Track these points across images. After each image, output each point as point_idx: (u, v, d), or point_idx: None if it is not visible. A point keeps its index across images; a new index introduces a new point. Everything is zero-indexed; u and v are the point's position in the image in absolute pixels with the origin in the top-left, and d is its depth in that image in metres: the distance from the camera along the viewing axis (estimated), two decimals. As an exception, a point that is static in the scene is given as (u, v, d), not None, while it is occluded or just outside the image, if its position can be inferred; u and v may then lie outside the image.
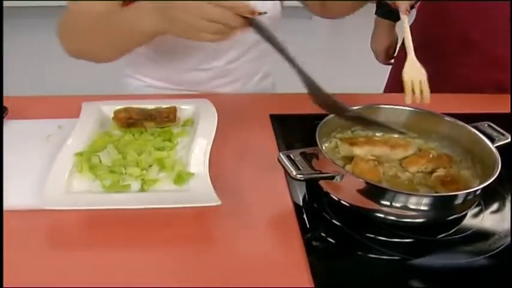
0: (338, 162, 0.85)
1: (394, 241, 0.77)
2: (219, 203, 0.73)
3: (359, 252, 0.74)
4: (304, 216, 0.78)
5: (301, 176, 0.74)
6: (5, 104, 1.00)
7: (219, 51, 1.13)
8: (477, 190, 0.75)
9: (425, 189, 0.81)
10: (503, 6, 1.15)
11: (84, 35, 0.96)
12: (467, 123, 0.90)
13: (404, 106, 0.93)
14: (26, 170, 0.84)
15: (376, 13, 1.49)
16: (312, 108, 0.84)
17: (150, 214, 0.76)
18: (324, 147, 0.88)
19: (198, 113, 0.95)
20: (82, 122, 0.92)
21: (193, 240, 0.74)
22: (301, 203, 0.81)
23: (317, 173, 0.76)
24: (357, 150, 0.87)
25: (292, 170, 0.74)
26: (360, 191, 0.75)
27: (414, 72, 0.90)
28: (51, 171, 0.79)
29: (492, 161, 0.79)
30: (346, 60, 3.27)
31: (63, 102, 1.06)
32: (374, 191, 0.74)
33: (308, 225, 0.77)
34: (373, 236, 0.76)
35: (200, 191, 0.76)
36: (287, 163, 0.75)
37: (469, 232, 0.78)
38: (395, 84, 1.46)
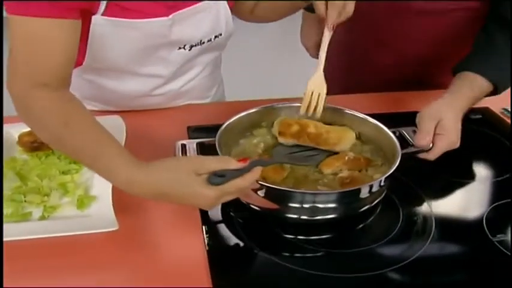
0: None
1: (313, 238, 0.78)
2: (117, 227, 0.71)
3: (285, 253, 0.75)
4: (215, 226, 0.79)
5: None
6: None
7: (175, 76, 1.03)
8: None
9: (325, 190, 0.81)
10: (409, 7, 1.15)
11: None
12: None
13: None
14: None
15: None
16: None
17: (53, 242, 0.73)
18: (240, 142, 0.90)
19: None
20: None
21: (96, 266, 0.72)
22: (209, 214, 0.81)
23: None
24: (281, 140, 0.88)
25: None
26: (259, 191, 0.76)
27: (318, 85, 0.90)
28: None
29: (394, 161, 0.80)
30: (298, 59, 3.23)
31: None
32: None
33: (217, 234, 0.77)
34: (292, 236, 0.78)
35: (101, 215, 0.74)
36: (179, 153, 0.77)
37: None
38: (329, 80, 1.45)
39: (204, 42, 0.98)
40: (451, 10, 1.12)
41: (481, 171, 0.98)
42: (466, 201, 0.90)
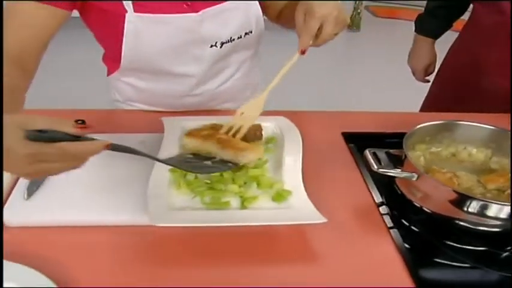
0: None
1: (467, 248, 0.83)
2: (325, 220, 0.76)
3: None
4: (395, 228, 0.84)
5: (383, 170, 0.84)
6: (82, 117, 1.02)
7: (211, 75, 1.09)
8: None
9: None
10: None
11: None
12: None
13: (486, 125, 0.98)
14: (118, 185, 0.87)
15: (415, 30, 1.51)
16: (382, 127, 0.89)
17: (249, 230, 0.80)
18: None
19: (279, 130, 1.00)
20: (168, 139, 0.95)
21: (295, 255, 0.78)
22: (390, 217, 0.86)
23: (396, 171, 0.85)
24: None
25: (374, 164, 0.84)
26: (446, 199, 0.82)
27: None
28: (150, 188, 0.82)
29: None
30: (364, 75, 3.27)
31: (141, 116, 1.09)
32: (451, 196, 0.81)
33: (398, 233, 0.83)
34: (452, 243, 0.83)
35: (302, 208, 0.80)
36: (371, 158, 0.85)
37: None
38: (435, 103, 1.52)
39: (234, 39, 1.03)
40: None
41: None
42: None
